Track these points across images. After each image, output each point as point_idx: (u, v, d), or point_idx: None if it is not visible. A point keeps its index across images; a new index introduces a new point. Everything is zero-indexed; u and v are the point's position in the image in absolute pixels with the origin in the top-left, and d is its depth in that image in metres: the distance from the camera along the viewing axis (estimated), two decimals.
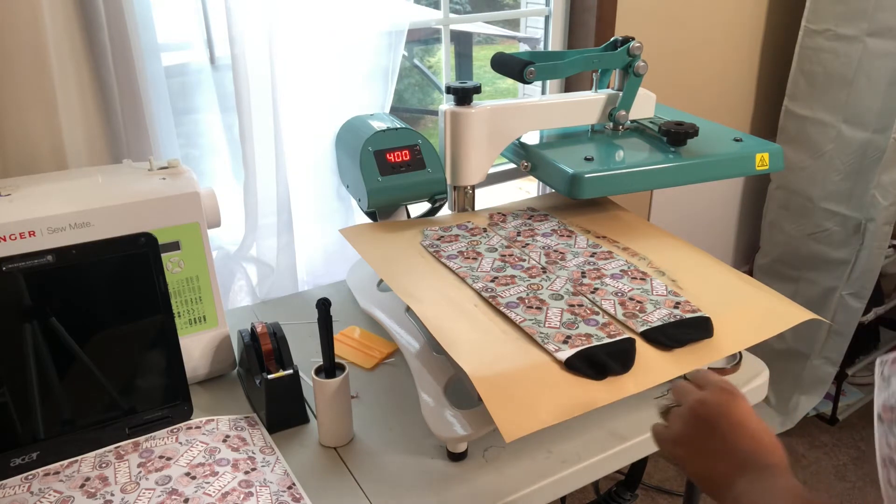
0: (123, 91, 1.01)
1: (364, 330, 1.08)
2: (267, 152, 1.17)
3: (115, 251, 0.83)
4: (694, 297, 0.88)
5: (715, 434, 0.60)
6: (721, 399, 0.62)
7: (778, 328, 0.86)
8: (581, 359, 0.76)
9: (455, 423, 0.80)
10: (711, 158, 1.07)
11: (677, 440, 0.63)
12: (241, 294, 1.25)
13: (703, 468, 0.60)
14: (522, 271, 0.94)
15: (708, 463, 0.60)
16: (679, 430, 0.63)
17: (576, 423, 0.86)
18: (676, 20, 1.74)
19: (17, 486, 0.77)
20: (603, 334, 0.81)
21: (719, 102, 1.96)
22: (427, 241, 1.02)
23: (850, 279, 1.92)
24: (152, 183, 0.88)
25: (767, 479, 0.56)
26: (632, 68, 1.10)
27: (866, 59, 1.76)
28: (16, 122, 0.94)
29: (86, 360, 0.83)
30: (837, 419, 2.21)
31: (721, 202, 2.14)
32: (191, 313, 0.93)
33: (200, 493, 0.75)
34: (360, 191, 1.12)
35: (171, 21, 1.11)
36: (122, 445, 0.83)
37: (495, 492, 0.78)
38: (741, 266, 2.26)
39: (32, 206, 0.81)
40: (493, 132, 1.07)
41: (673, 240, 1.05)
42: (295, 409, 0.89)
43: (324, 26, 1.16)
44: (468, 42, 3.60)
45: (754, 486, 0.56)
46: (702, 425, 0.61)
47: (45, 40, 0.91)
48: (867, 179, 1.81)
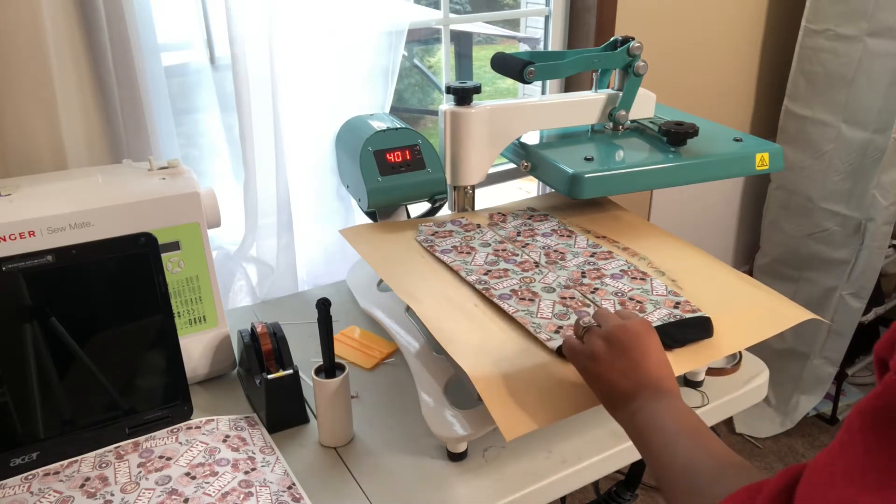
0: (123, 91, 1.01)
1: (364, 330, 1.08)
2: (267, 152, 1.17)
3: (115, 251, 0.83)
4: (694, 297, 0.88)
5: (627, 356, 0.67)
6: (639, 329, 0.69)
7: (778, 328, 0.86)
8: None
9: (455, 423, 0.80)
10: (711, 158, 1.07)
11: (592, 355, 0.69)
12: (241, 294, 1.25)
13: (609, 383, 0.67)
14: (515, 265, 0.95)
15: (614, 379, 0.67)
16: (596, 347, 0.69)
17: (576, 423, 0.86)
18: (676, 20, 1.74)
19: (17, 486, 0.77)
20: None
21: (719, 102, 1.96)
22: (422, 237, 1.03)
23: (850, 279, 1.92)
24: (152, 183, 0.88)
25: (662, 400, 0.64)
26: (632, 68, 1.11)
27: (866, 59, 1.76)
28: (16, 122, 0.94)
29: (86, 360, 0.83)
30: (837, 419, 2.21)
31: (721, 202, 2.14)
32: (191, 313, 0.93)
33: (200, 493, 0.75)
34: (360, 191, 1.12)
35: (171, 21, 1.11)
36: (122, 445, 0.83)
37: (495, 492, 0.78)
38: (741, 266, 2.26)
39: (32, 206, 0.81)
40: (493, 132, 1.07)
41: (673, 240, 1.05)
42: (295, 409, 0.89)
43: (324, 26, 1.16)
44: (468, 42, 3.60)
45: (650, 403, 0.64)
46: (617, 346, 0.68)
47: (45, 40, 0.91)
48: (867, 179, 1.81)
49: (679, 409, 0.63)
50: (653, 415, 0.63)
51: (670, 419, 0.62)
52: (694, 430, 0.60)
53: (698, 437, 0.59)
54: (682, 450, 0.58)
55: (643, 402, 0.64)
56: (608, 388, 0.68)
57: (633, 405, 0.65)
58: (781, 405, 2.18)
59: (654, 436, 0.62)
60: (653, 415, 0.63)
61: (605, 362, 0.68)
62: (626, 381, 0.66)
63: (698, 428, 0.61)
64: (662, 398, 0.64)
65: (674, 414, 0.63)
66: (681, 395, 0.66)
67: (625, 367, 0.67)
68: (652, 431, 0.62)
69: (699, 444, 0.59)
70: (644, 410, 0.64)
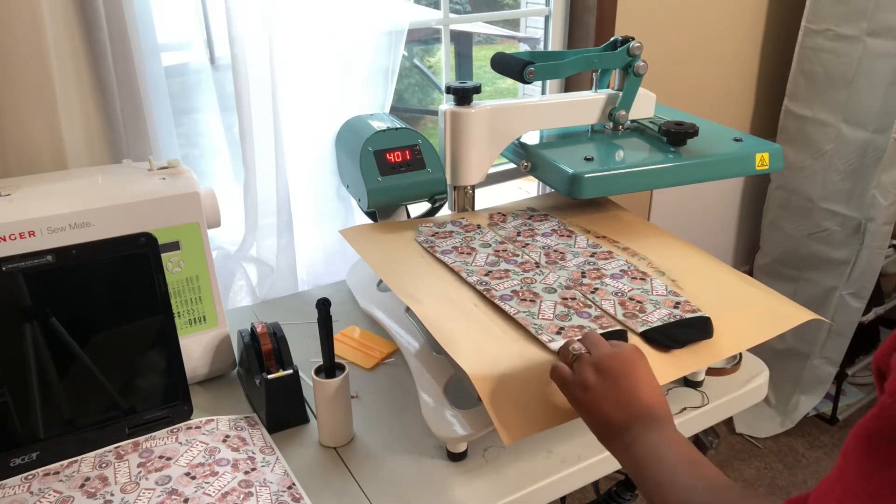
0: (123, 91, 1.01)
1: (364, 330, 1.08)
2: (267, 152, 1.17)
3: (115, 251, 0.83)
4: (694, 298, 0.88)
5: (618, 385, 0.66)
6: (630, 356, 0.68)
7: (778, 329, 0.86)
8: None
9: (455, 423, 0.80)
10: (711, 158, 1.07)
11: (584, 386, 0.68)
12: (241, 294, 1.25)
13: (601, 415, 0.66)
14: (516, 266, 0.95)
15: (607, 410, 0.66)
16: (586, 377, 0.68)
17: (576, 423, 0.85)
18: (676, 20, 1.74)
19: (17, 486, 0.77)
20: (595, 326, 0.82)
21: (719, 102, 1.96)
22: (422, 237, 1.02)
23: (850, 279, 1.92)
24: (152, 183, 0.88)
25: (657, 430, 0.63)
26: (632, 68, 1.10)
27: (866, 59, 1.76)
28: (16, 122, 0.94)
29: (86, 360, 0.83)
30: (837, 419, 2.21)
31: (721, 202, 2.14)
32: (191, 313, 0.93)
33: (200, 493, 0.75)
34: (360, 191, 1.12)
35: (171, 21, 1.11)
36: (121, 445, 0.83)
37: (495, 492, 0.78)
38: (741, 266, 2.26)
39: (32, 206, 0.81)
40: (493, 132, 1.07)
41: (673, 240, 1.05)
42: (295, 409, 0.89)
43: (324, 26, 1.16)
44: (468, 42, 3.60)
45: (646, 434, 0.63)
46: (608, 375, 0.67)
47: (45, 40, 0.91)
48: (867, 179, 1.81)
49: (674, 439, 0.63)
50: (649, 447, 0.62)
51: (666, 450, 0.61)
52: (689, 460, 0.60)
53: (695, 467, 0.59)
54: (680, 481, 0.58)
55: (638, 434, 0.63)
56: (601, 421, 0.67)
57: (628, 437, 0.64)
58: (781, 405, 2.18)
59: (650, 469, 0.61)
60: (649, 447, 0.62)
61: (597, 393, 0.67)
62: (619, 412, 0.65)
63: (693, 458, 0.60)
64: (657, 428, 0.63)
65: (670, 445, 0.62)
66: (673, 420, 0.65)
67: (617, 398, 0.66)
68: (648, 464, 0.61)
69: (696, 473, 0.58)
70: (639, 442, 0.63)
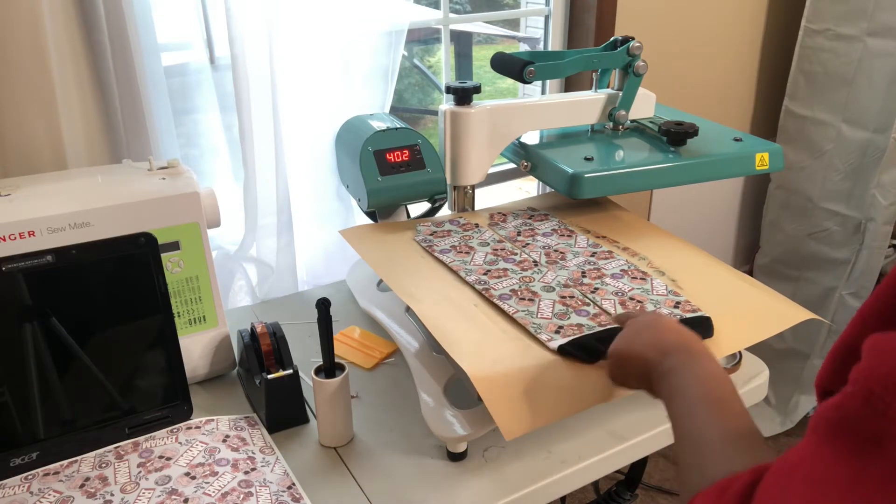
0: (123, 91, 1.01)
1: (364, 330, 1.08)
2: (267, 152, 1.17)
3: (115, 251, 0.83)
4: (694, 297, 0.88)
5: (647, 330, 0.70)
6: (652, 314, 0.75)
7: (778, 328, 0.86)
8: (574, 346, 0.78)
9: (455, 422, 0.80)
10: (711, 158, 1.07)
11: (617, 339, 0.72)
12: (241, 294, 1.25)
13: (638, 358, 0.68)
14: (514, 265, 0.95)
15: (640, 351, 0.68)
16: (619, 338, 0.72)
17: (576, 423, 0.86)
18: (676, 20, 1.74)
19: (16, 486, 0.77)
20: (594, 324, 0.82)
21: (719, 102, 1.96)
22: (420, 237, 1.03)
23: (850, 279, 1.92)
24: (152, 183, 0.88)
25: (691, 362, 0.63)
26: (632, 68, 1.10)
27: (866, 59, 1.76)
28: (16, 122, 0.94)
29: (86, 360, 0.83)
30: None
31: (721, 202, 2.14)
32: (191, 313, 0.93)
33: (200, 493, 0.75)
34: (359, 191, 1.12)
35: (171, 21, 1.11)
36: (121, 445, 0.83)
37: (495, 492, 0.78)
38: (741, 266, 2.26)
39: (32, 206, 0.81)
40: (493, 132, 1.07)
41: (673, 240, 1.05)
42: (295, 409, 0.89)
43: (324, 26, 1.16)
44: (468, 42, 3.60)
45: (680, 366, 0.63)
46: (635, 326, 0.72)
47: (45, 40, 0.91)
48: (867, 179, 1.81)
49: (706, 373, 0.61)
50: (680, 379, 0.62)
51: (695, 384, 0.60)
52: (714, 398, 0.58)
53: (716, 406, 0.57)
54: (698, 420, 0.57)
55: (673, 364, 0.63)
56: (640, 365, 0.67)
57: (663, 368, 0.64)
58: (781, 405, 2.18)
59: (675, 401, 0.60)
60: (680, 379, 0.62)
61: (628, 339, 0.70)
62: (653, 350, 0.66)
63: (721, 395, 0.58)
64: (692, 359, 0.63)
65: (700, 378, 0.61)
66: (710, 353, 0.64)
67: (648, 338, 0.68)
68: (675, 397, 0.61)
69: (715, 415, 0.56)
70: (673, 373, 0.63)
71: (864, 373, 0.37)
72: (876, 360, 0.37)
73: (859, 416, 0.36)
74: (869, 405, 0.36)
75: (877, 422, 0.36)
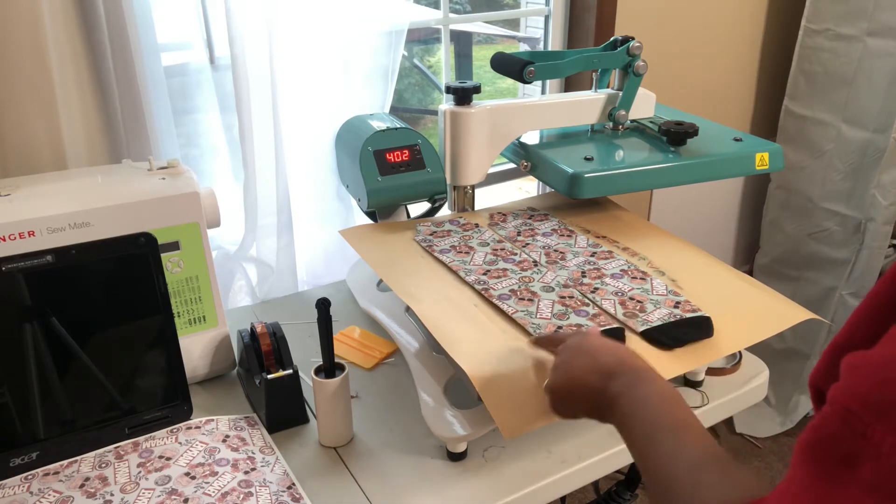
0: (123, 91, 1.01)
1: (364, 330, 1.08)
2: (267, 152, 1.17)
3: (115, 251, 0.83)
4: (694, 297, 0.88)
5: (578, 357, 0.66)
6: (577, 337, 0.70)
7: (778, 328, 0.86)
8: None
9: (455, 422, 0.80)
10: (711, 158, 1.07)
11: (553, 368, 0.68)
12: (241, 294, 1.25)
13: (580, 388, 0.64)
14: (514, 265, 0.95)
15: (583, 380, 0.64)
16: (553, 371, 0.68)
17: (576, 422, 0.86)
18: (676, 20, 1.74)
19: (16, 486, 0.77)
20: (593, 324, 0.82)
21: (719, 102, 1.96)
22: (420, 237, 1.03)
23: (850, 279, 1.92)
24: (152, 183, 0.88)
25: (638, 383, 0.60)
26: (632, 68, 1.10)
27: (866, 59, 1.76)
28: (16, 122, 0.94)
29: (86, 360, 0.83)
30: None
31: (721, 202, 2.14)
32: (191, 313, 0.93)
33: (200, 493, 0.75)
34: (359, 191, 1.12)
35: (171, 21, 1.11)
36: (121, 445, 0.83)
37: (495, 492, 0.78)
38: (741, 266, 2.26)
39: (32, 206, 0.81)
40: (493, 132, 1.07)
41: (673, 240, 1.05)
42: (295, 409, 0.89)
43: (324, 26, 1.16)
44: (468, 42, 3.60)
45: (628, 389, 0.60)
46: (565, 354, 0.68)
47: (45, 40, 0.91)
48: (867, 179, 1.81)
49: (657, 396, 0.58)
50: (631, 404, 0.59)
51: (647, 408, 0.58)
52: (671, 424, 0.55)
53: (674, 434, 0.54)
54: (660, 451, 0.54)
55: (620, 389, 0.60)
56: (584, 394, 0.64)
57: (610, 393, 0.61)
58: (781, 405, 2.18)
59: (632, 430, 0.58)
60: (631, 404, 0.59)
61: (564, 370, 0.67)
62: (594, 375, 0.63)
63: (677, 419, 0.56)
64: (638, 379, 0.61)
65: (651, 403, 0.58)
66: (654, 370, 0.62)
67: (585, 364, 0.65)
68: (629, 425, 0.58)
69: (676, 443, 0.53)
70: (622, 398, 0.60)
71: (842, 391, 0.36)
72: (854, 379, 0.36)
73: (837, 436, 0.35)
74: (847, 425, 0.35)
75: (854, 442, 0.34)
